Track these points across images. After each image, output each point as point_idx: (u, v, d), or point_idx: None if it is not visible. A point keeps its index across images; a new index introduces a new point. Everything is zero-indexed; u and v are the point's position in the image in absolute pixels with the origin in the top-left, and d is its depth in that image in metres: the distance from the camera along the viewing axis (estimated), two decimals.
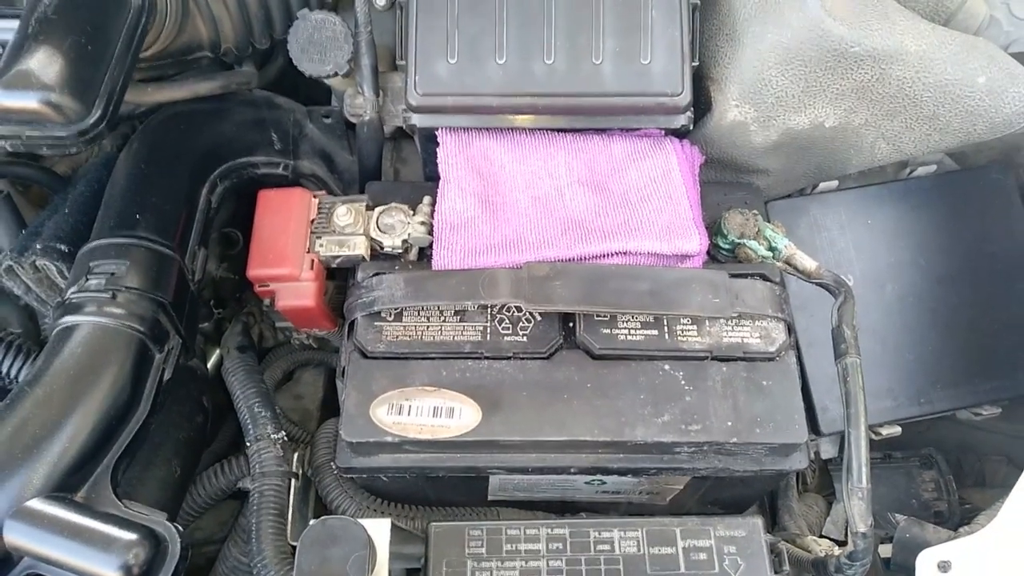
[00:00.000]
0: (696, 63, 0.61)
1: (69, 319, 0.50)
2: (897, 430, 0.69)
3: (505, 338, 0.55)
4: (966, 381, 0.69)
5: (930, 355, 0.69)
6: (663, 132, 0.62)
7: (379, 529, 0.48)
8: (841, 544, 0.55)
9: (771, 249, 0.59)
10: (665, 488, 0.60)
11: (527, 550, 0.49)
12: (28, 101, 0.47)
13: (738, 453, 0.53)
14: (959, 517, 0.75)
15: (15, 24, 0.49)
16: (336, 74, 0.61)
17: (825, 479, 0.77)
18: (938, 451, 0.81)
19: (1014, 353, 0.69)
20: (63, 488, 0.45)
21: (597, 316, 0.55)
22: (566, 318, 0.56)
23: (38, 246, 0.56)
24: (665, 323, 0.55)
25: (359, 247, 0.59)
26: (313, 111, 0.69)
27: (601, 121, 0.61)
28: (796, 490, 0.71)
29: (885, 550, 0.63)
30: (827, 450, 0.70)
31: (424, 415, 0.51)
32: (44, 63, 0.47)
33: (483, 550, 0.49)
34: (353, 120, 0.64)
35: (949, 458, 0.81)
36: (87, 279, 0.52)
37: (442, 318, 0.55)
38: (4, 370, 0.59)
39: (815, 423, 0.67)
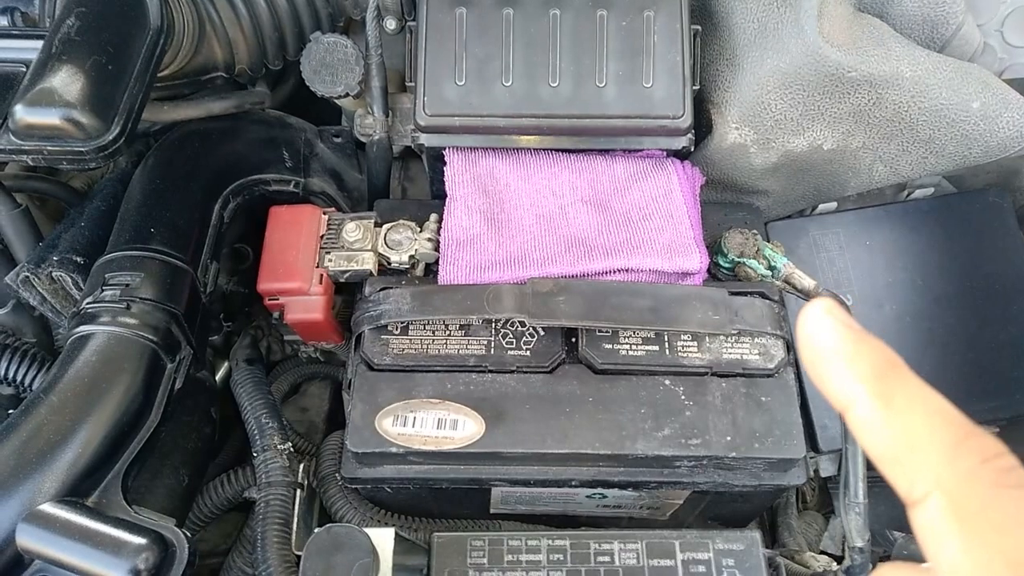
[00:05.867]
0: (697, 87, 0.62)
1: (84, 328, 0.52)
2: None
3: (509, 352, 0.56)
4: (964, 400, 0.67)
5: (928, 374, 0.68)
6: (665, 153, 0.63)
7: (383, 538, 0.48)
8: (839, 559, 0.56)
9: (770, 268, 0.60)
10: (665, 503, 0.61)
11: (528, 560, 0.50)
12: (50, 117, 0.49)
13: (737, 467, 0.54)
14: None
15: (39, 44, 0.51)
16: (347, 95, 0.63)
17: (824, 497, 0.77)
18: None
19: (1011, 374, 0.70)
20: (75, 493, 0.46)
21: (599, 331, 0.56)
22: (569, 333, 0.57)
23: (54, 258, 0.57)
24: (666, 339, 0.56)
25: (367, 262, 0.60)
26: (324, 131, 0.71)
27: (604, 142, 0.62)
28: (796, 508, 0.72)
29: None
30: (826, 468, 0.71)
31: (428, 427, 0.52)
32: (66, 81, 0.49)
33: (485, 560, 0.50)
34: (363, 140, 0.66)
35: None
36: (102, 290, 0.53)
37: (447, 332, 0.56)
38: (19, 378, 0.61)
39: (814, 441, 0.67)
